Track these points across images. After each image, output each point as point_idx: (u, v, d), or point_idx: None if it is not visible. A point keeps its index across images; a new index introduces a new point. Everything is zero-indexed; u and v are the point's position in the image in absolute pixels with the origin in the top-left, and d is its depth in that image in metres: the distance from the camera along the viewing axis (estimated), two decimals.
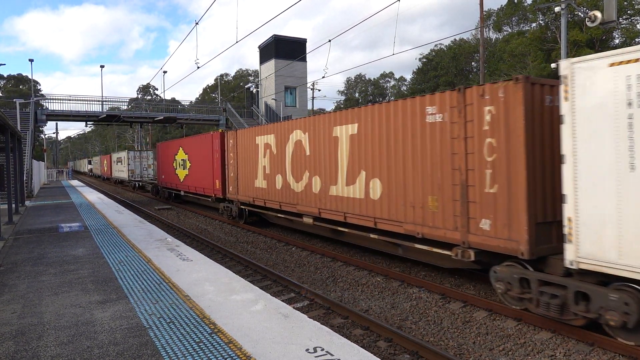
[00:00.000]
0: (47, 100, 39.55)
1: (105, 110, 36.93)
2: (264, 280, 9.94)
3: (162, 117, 37.97)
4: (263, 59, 44.36)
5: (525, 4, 50.33)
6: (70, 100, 35.42)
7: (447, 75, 65.88)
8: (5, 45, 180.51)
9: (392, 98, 76.00)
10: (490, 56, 55.35)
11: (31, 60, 39.14)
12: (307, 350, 4.38)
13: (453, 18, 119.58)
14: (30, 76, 46.96)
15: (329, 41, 18.92)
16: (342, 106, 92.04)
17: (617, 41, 44.45)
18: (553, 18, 41.52)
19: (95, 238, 10.95)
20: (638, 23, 42.57)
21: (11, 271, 7.82)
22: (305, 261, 11.50)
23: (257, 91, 45.28)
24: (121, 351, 4.45)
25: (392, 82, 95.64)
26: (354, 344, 4.52)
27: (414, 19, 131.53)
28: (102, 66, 50.61)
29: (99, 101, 36.76)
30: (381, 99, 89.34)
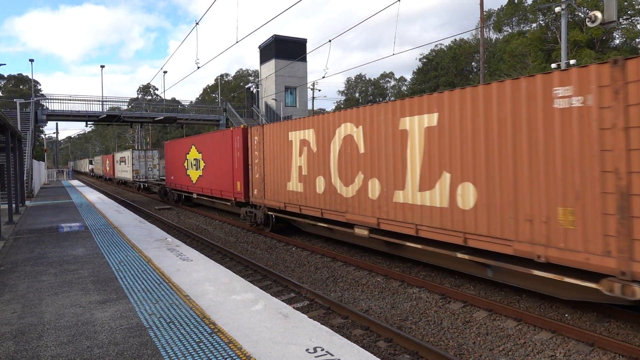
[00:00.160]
0: (48, 100, 39.57)
1: (105, 110, 36.97)
2: (264, 280, 9.94)
3: (162, 117, 38.02)
4: (263, 59, 44.38)
5: (525, 4, 50.35)
6: (70, 100, 35.47)
7: (447, 75, 65.91)
8: (5, 45, 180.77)
9: (393, 98, 76.02)
10: (490, 56, 55.36)
11: (31, 60, 39.26)
12: (307, 350, 4.38)
13: (453, 18, 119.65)
14: (30, 76, 47.00)
15: (329, 41, 18.92)
16: (343, 106, 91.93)
17: (618, 41, 44.46)
18: (553, 18, 41.54)
19: (95, 238, 10.95)
20: (638, 23, 42.57)
21: (11, 271, 7.82)
22: (305, 261, 11.50)
23: (257, 91, 45.29)
24: (121, 351, 4.45)
25: (392, 82, 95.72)
26: (354, 344, 4.52)
27: (414, 19, 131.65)
28: (103, 66, 50.68)
29: (99, 101, 36.79)
30: (381, 99, 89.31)
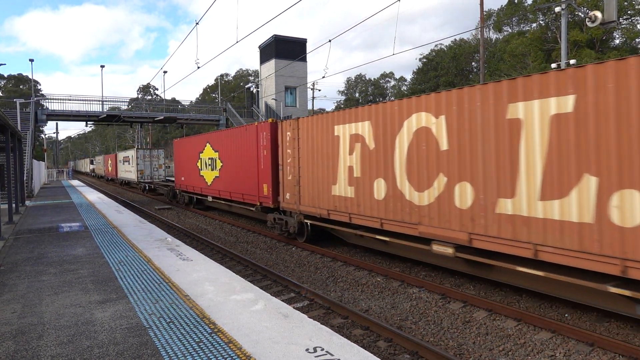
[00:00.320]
0: (48, 100, 39.59)
1: (105, 110, 36.99)
2: (264, 280, 9.94)
3: (162, 117, 38.03)
4: (263, 59, 44.38)
5: (525, 4, 50.35)
6: (70, 100, 35.50)
7: (447, 75, 65.92)
8: (5, 45, 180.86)
9: (393, 98, 75.97)
10: (490, 56, 55.36)
11: (31, 60, 39.29)
12: (307, 350, 4.38)
13: (453, 18, 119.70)
14: (30, 76, 47.01)
15: (329, 41, 18.91)
16: (343, 106, 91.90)
17: (618, 41, 44.47)
18: (553, 18, 41.54)
19: (95, 238, 10.95)
20: (638, 23, 42.56)
21: (11, 271, 7.82)
22: (305, 261, 11.50)
23: (257, 91, 45.30)
24: (121, 351, 4.45)
25: (392, 82, 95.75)
26: (354, 344, 4.52)
27: (414, 19, 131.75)
28: (103, 66, 50.64)
29: (99, 101, 36.81)
30: (381, 99, 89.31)
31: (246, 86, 50.97)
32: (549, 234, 6.70)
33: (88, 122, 40.23)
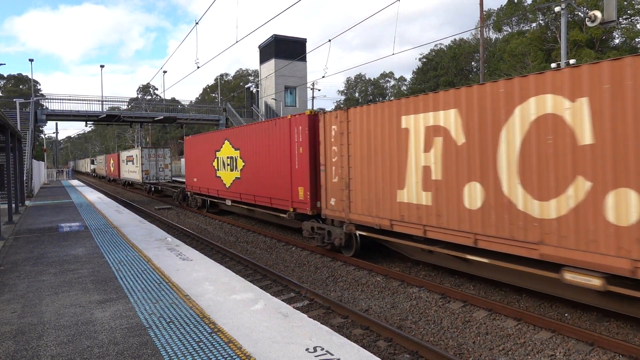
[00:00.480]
0: (47, 100, 39.62)
1: (105, 110, 37.00)
2: (264, 279, 9.94)
3: (162, 117, 38.06)
4: (263, 59, 44.39)
5: (525, 4, 50.37)
6: (70, 100, 35.53)
7: (447, 75, 65.96)
8: (5, 45, 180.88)
9: (392, 98, 75.91)
10: (490, 56, 55.39)
11: (31, 60, 39.26)
12: (307, 349, 4.38)
13: (453, 18, 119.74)
14: (30, 76, 47.00)
15: (329, 41, 18.92)
16: (343, 106, 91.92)
17: (617, 41, 44.50)
18: (553, 18, 41.57)
19: (95, 238, 10.95)
20: (638, 23, 42.58)
21: (11, 271, 7.82)
22: (305, 261, 11.50)
23: (257, 91, 45.31)
24: (121, 350, 4.46)
25: (392, 82, 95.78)
26: (354, 344, 4.52)
27: (414, 19, 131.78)
28: (102, 66, 50.59)
29: (99, 101, 36.83)
30: (380, 99, 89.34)
31: (246, 86, 51.00)
32: None
33: (88, 122, 40.27)
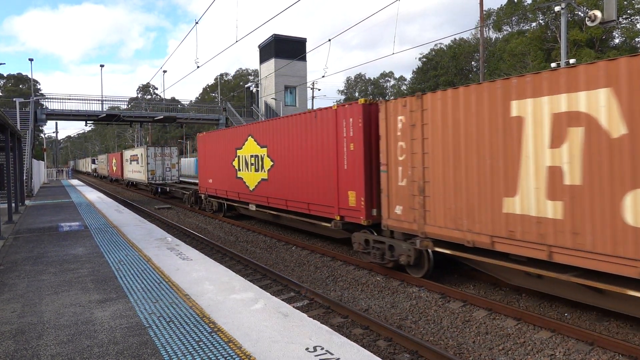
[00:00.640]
0: (47, 99, 39.63)
1: (105, 109, 36.98)
2: (264, 279, 9.94)
3: (162, 117, 38.03)
4: (263, 59, 44.38)
5: (525, 4, 50.35)
6: (70, 99, 35.50)
7: (447, 74, 65.94)
8: (4, 44, 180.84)
9: (393, 97, 75.86)
10: (490, 56, 55.38)
11: (31, 59, 39.27)
12: (307, 349, 4.38)
13: (452, 18, 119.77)
14: (30, 75, 46.99)
15: (329, 40, 18.92)
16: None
17: (617, 41, 44.51)
18: (553, 17, 41.57)
19: (95, 237, 10.95)
20: (638, 22, 42.59)
21: (11, 270, 7.82)
22: (305, 260, 11.50)
23: (257, 90, 45.30)
24: (121, 350, 4.45)
25: (392, 82, 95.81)
26: (354, 343, 4.52)
27: (414, 19, 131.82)
28: (102, 65, 50.54)
29: (99, 101, 36.80)
30: (381, 98, 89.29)
31: (246, 85, 51.01)
32: None
33: (88, 122, 40.24)
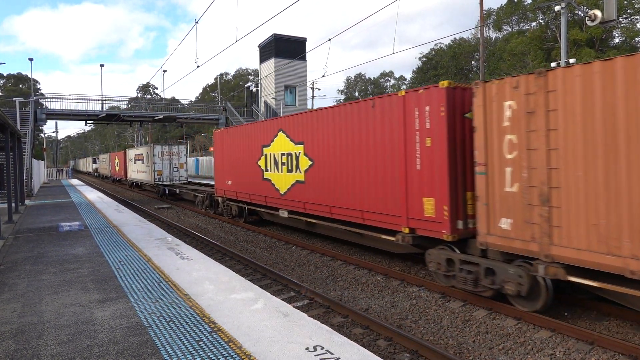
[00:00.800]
0: (47, 99, 39.62)
1: (105, 109, 36.96)
2: (264, 279, 9.94)
3: (162, 116, 38.00)
4: (263, 58, 44.36)
5: (525, 3, 50.34)
6: (70, 99, 35.48)
7: (447, 74, 65.91)
8: (4, 44, 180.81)
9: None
10: (490, 55, 55.37)
11: (31, 59, 39.23)
12: (307, 348, 4.38)
13: (452, 17, 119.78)
14: (30, 75, 46.97)
15: (329, 40, 18.92)
16: None
17: (617, 40, 44.50)
18: (553, 17, 41.56)
19: (95, 237, 10.95)
20: (638, 22, 42.58)
21: (11, 270, 7.82)
22: (305, 260, 11.50)
23: (257, 90, 45.29)
24: (121, 350, 4.46)
25: (392, 82, 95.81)
26: (354, 343, 4.52)
27: (414, 18, 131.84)
28: (102, 65, 50.56)
29: (99, 100, 36.79)
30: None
31: (246, 85, 51.00)
32: None
33: (87, 122, 40.22)
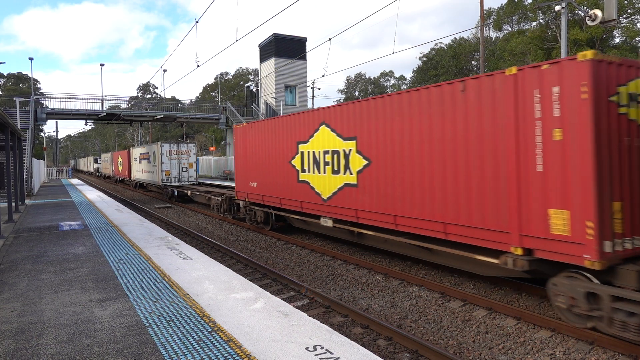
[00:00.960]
0: (47, 98, 39.64)
1: (105, 108, 36.99)
2: (264, 278, 9.94)
3: (162, 116, 38.05)
4: (263, 58, 44.37)
5: (525, 3, 50.31)
6: (70, 98, 35.54)
7: (448, 74, 65.86)
8: (4, 43, 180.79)
9: None
10: (490, 55, 55.35)
11: (31, 58, 39.28)
12: (307, 348, 4.38)
13: (453, 17, 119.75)
14: (30, 75, 46.96)
15: (329, 40, 18.90)
16: None
17: (618, 40, 44.47)
18: (553, 17, 41.51)
19: (95, 236, 10.95)
20: (638, 22, 42.55)
21: (11, 269, 7.82)
22: (305, 260, 11.50)
23: (257, 90, 45.29)
24: (121, 349, 4.46)
25: (392, 81, 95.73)
26: (354, 343, 4.52)
27: (414, 18, 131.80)
28: (102, 65, 50.65)
29: (99, 100, 36.83)
30: None
31: (246, 85, 50.98)
32: None
33: (88, 121, 40.27)
